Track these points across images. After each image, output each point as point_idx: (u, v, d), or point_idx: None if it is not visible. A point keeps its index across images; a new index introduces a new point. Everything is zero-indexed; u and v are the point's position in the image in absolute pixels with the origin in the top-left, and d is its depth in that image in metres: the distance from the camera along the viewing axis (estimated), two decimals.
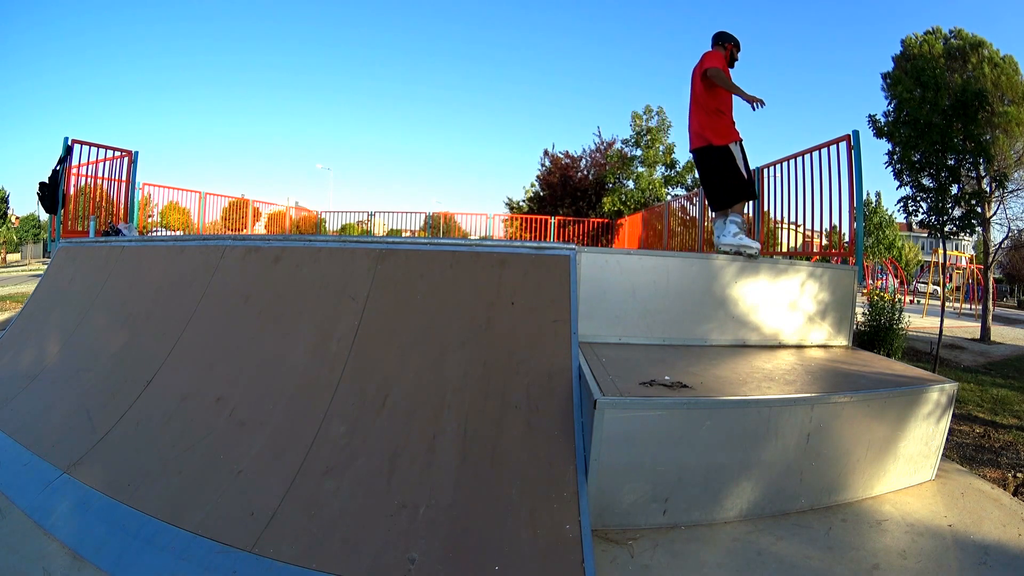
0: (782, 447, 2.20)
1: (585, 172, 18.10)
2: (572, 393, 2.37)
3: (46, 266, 4.97)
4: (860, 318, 5.04)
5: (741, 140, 3.66)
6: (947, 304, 14.30)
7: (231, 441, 2.34)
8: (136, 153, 6.73)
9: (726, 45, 3.74)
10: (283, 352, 2.75)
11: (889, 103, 9.75)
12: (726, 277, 3.26)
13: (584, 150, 18.46)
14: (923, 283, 20.86)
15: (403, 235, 14.55)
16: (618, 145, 16.85)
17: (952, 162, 4.85)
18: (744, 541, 2.04)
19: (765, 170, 5.52)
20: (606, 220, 15.08)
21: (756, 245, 3.56)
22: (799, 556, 1.95)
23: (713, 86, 3.55)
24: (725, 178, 3.65)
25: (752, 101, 3.40)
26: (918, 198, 4.95)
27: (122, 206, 6.79)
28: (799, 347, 3.35)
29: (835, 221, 4.40)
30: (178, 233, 11.05)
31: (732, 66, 3.72)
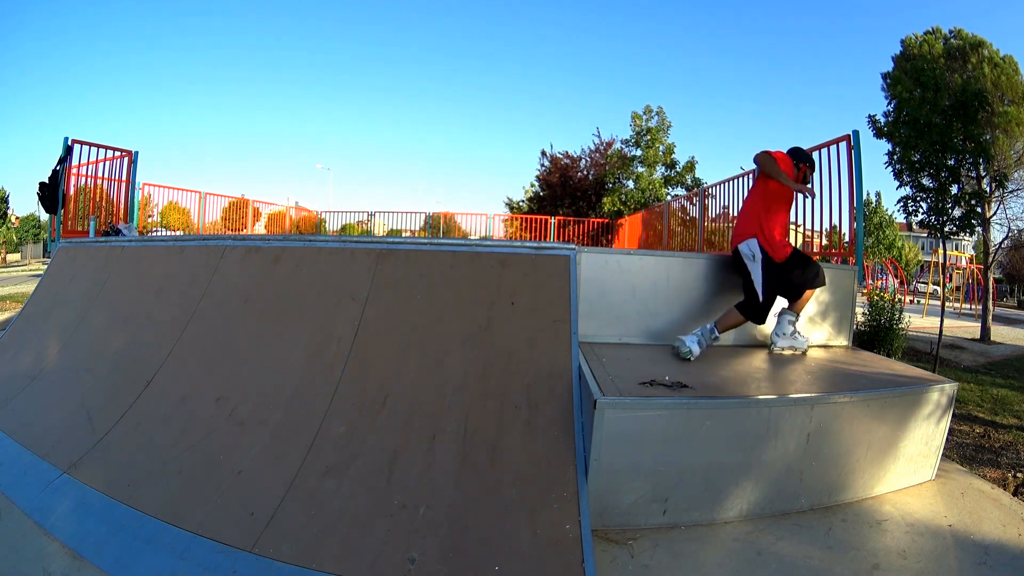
0: (782, 447, 2.20)
1: (585, 172, 18.11)
2: (572, 393, 2.37)
3: (46, 266, 4.97)
4: (860, 318, 5.04)
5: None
6: (947, 304, 14.30)
7: (231, 441, 2.34)
8: (136, 153, 6.74)
9: (800, 165, 3.26)
10: (283, 352, 2.75)
11: (889, 103, 9.78)
12: (726, 277, 3.25)
13: (584, 150, 18.52)
14: (923, 283, 20.87)
15: (403, 235, 14.55)
16: (618, 145, 16.88)
17: (952, 162, 4.84)
18: (744, 541, 2.04)
19: None
20: (606, 220, 15.10)
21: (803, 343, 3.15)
22: (799, 556, 1.95)
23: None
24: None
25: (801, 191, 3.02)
26: (918, 198, 4.95)
27: (122, 206, 6.80)
28: None
29: (835, 221, 4.41)
30: (178, 233, 11.05)
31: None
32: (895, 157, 5.16)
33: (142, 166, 7.73)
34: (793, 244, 3.21)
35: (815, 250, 5.12)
